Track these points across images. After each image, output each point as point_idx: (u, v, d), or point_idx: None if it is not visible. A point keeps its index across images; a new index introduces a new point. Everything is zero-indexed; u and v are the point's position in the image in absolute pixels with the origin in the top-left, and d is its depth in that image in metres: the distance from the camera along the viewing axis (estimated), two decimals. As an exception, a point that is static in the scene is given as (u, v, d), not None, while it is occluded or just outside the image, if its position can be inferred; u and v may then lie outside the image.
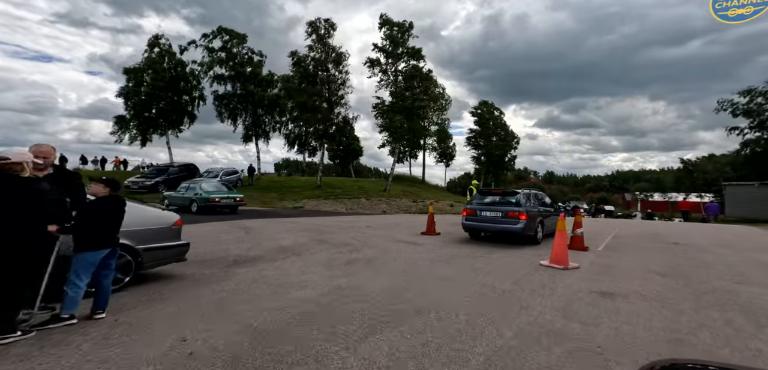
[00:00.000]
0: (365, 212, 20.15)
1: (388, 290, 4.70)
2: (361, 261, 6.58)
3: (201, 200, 13.27)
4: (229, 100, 29.12)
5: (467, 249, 8.31)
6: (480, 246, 8.82)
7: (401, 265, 6.42)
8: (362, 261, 6.59)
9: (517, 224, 8.75)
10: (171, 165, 24.37)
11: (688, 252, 8.89)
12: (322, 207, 20.22)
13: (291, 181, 32.37)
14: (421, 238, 9.99)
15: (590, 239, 10.81)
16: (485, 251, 8.22)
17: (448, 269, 6.14)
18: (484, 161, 45.81)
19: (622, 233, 13.11)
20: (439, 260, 6.97)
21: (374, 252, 7.55)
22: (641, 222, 24.12)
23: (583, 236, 8.87)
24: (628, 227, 16.25)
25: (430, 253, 7.70)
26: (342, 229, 11.33)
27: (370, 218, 16.45)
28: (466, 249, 8.31)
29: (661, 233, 13.89)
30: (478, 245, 8.93)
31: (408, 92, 28.30)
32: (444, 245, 8.88)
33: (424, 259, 7.02)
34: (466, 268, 6.31)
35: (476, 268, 6.32)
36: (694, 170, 73.43)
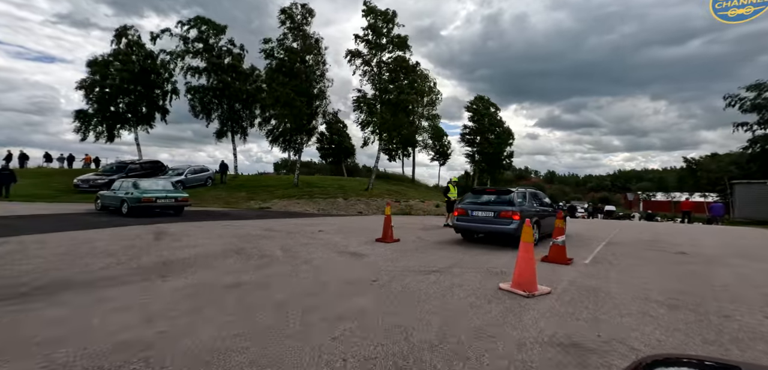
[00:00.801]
0: (338, 213, 18.38)
1: (206, 350, 2.92)
2: (247, 286, 4.80)
3: (132, 201, 11.46)
4: (204, 93, 27.36)
5: (421, 262, 6.52)
6: (441, 257, 7.04)
7: (299, 292, 4.63)
8: (250, 286, 4.81)
9: (510, 225, 8.20)
10: (131, 162, 22.65)
11: (699, 265, 7.07)
12: (291, 208, 18.46)
13: (270, 180, 30.65)
14: (373, 247, 8.20)
15: (579, 247, 9.01)
16: (446, 263, 6.46)
17: (365, 300, 4.35)
18: (479, 159, 43.94)
19: (619, 238, 11.29)
20: (367, 281, 5.19)
21: (287, 269, 5.78)
22: (641, 224, 22.23)
23: (565, 246, 7.04)
24: (627, 230, 14.43)
25: (367, 269, 5.92)
26: (285, 234, 9.55)
27: (339, 220, 14.67)
28: (419, 262, 6.52)
29: (664, 237, 12.06)
30: (438, 256, 7.14)
31: (392, 85, 26.52)
32: (396, 256, 7.10)
33: (345, 280, 5.24)
34: (394, 295, 4.53)
35: (410, 295, 4.54)
36: (698, 169, 71.59)
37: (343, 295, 4.51)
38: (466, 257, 7.29)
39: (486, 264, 6.56)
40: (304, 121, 24.83)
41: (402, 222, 14.43)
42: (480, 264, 6.55)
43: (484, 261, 6.84)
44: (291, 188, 24.39)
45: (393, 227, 9.22)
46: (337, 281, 5.17)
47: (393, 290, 4.77)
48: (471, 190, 10.66)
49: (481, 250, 8.11)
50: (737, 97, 37.11)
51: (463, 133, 44.78)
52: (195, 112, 27.41)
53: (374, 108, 26.15)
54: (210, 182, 23.27)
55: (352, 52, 25.88)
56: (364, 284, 5.00)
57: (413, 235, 10.43)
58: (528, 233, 4.94)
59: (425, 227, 12.69)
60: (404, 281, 5.20)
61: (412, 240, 9.39)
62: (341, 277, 5.39)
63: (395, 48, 26.63)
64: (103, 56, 25.51)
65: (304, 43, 24.60)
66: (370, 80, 25.98)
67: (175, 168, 22.60)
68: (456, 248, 8.41)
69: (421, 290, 4.81)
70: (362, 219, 15.49)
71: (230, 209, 17.09)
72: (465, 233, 9.55)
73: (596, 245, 9.75)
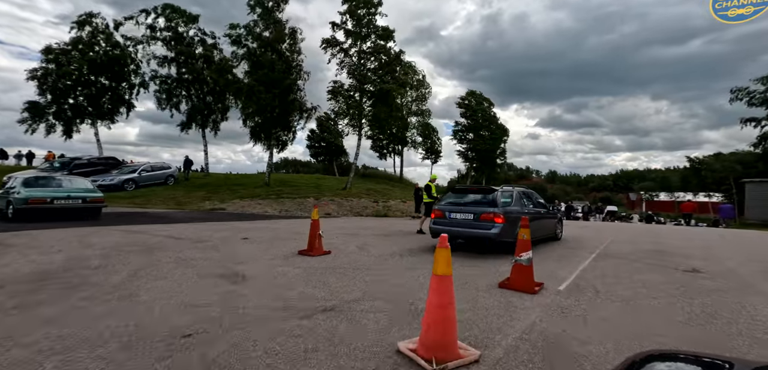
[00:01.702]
0: (303, 215, 16.40)
1: None
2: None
3: (18, 202, 9.46)
4: (170, 84, 25.40)
5: (320, 292, 4.53)
6: (360, 283, 5.03)
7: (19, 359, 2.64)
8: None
9: (492, 229, 7.23)
10: (78, 158, 20.72)
11: (724, 294, 5.03)
12: (251, 209, 16.47)
13: (243, 178, 28.65)
14: (282, 264, 6.20)
15: (560, 260, 7.02)
16: (356, 294, 4.45)
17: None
18: (472, 157, 41.81)
19: (614, 247, 9.24)
20: (181, 333, 3.19)
21: (94, 308, 3.78)
22: (641, 228, 20.09)
23: (532, 266, 5.01)
24: (625, 235, 12.39)
25: (215, 308, 3.93)
26: (189, 244, 7.56)
27: (289, 223, 12.68)
28: (318, 292, 4.53)
29: (669, 244, 10.01)
30: (355, 281, 5.13)
31: (374, 75, 24.50)
32: (293, 281, 5.12)
33: (146, 333, 3.23)
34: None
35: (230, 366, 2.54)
36: (702, 169, 69.40)
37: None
38: (397, 282, 5.28)
39: (416, 295, 4.54)
40: (274, 115, 22.83)
41: (365, 226, 12.43)
42: (406, 296, 4.53)
43: (417, 289, 4.83)
44: (261, 187, 22.41)
45: (322, 236, 7.20)
46: (126, 332, 3.16)
47: (208, 356, 2.77)
48: (452, 188, 9.36)
49: (428, 267, 6.09)
50: (746, 90, 34.91)
51: (456, 130, 42.69)
52: (160, 103, 25.47)
53: (352, 99, 24.14)
54: (172, 181, 21.33)
55: (327, 41, 23.85)
56: (168, 341, 2.99)
57: (359, 243, 8.43)
58: (443, 258, 2.91)
59: (386, 234, 10.67)
60: (249, 332, 3.19)
61: (349, 252, 7.39)
62: (148, 325, 3.38)
63: (378, 38, 24.62)
64: (59, 44, 23.60)
65: (276, 32, 22.57)
66: (349, 70, 23.95)
67: (125, 163, 20.62)
68: (397, 265, 6.41)
69: (270, 350, 2.81)
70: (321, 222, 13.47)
71: (175, 210, 15.12)
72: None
73: (584, 256, 7.72)
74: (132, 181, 18.44)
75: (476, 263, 6.81)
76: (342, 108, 23.86)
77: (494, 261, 6.82)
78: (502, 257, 7.06)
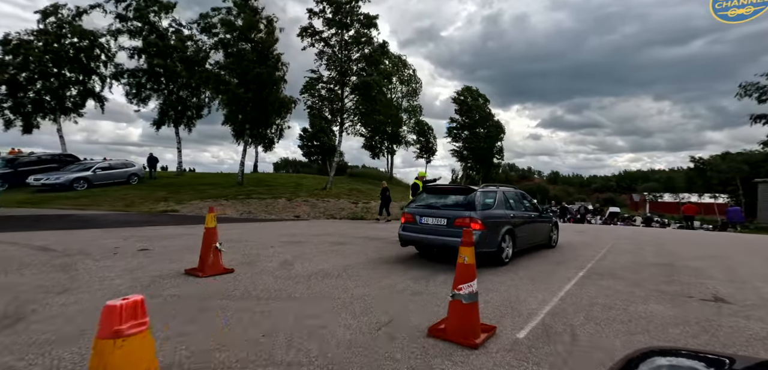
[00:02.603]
0: (267, 218, 14.76)
1: None
2: None
3: None
4: (140, 77, 23.79)
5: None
6: (205, 335, 3.35)
7: None
8: None
9: None
10: (30, 153, 19.12)
11: (765, 343, 3.32)
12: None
13: (218, 178, 27.01)
14: (160, 287, 4.54)
15: (533, 282, 5.30)
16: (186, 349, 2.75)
17: None
18: (467, 155, 40.08)
19: (608, 261, 7.52)
20: None
21: None
22: (643, 233, 18.31)
23: (476, 304, 3.30)
24: (626, 242, 10.66)
25: None
26: (50, 258, 5.91)
27: (241, 227, 11.02)
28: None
29: (677, 257, 8.28)
30: (199, 331, 3.46)
31: (356, 66, 22.86)
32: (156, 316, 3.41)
33: None
34: None
35: None
36: (707, 169, 67.47)
37: None
38: (285, 324, 3.60)
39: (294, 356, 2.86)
40: (248, 109, 21.22)
41: (325, 231, 10.76)
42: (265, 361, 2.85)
43: (304, 338, 3.15)
44: (233, 187, 20.78)
45: (220, 250, 5.53)
46: None
47: None
48: (425, 187, 7.97)
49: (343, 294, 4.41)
50: (755, 85, 32.95)
51: (450, 127, 40.98)
52: (129, 97, 23.89)
53: (333, 93, 22.49)
54: (136, 180, 19.71)
55: (305, 28, 22.20)
56: None
57: (293, 254, 6.74)
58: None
59: (342, 241, 8.97)
60: None
61: (264, 269, 5.71)
62: None
63: (362, 27, 22.95)
64: (19, 34, 22.04)
65: (247, 19, 20.94)
66: (328, 61, 22.29)
67: (84, 158, 19.03)
68: (317, 290, 4.73)
69: None
70: (259, 229, 11.87)
71: (115, 212, 13.49)
72: (414, 245, 7.09)
73: (571, 272, 6.03)
74: (84, 180, 16.82)
75: (432, 281, 5.14)
76: (316, 102, 22.17)
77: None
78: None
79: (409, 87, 35.96)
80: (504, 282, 5.34)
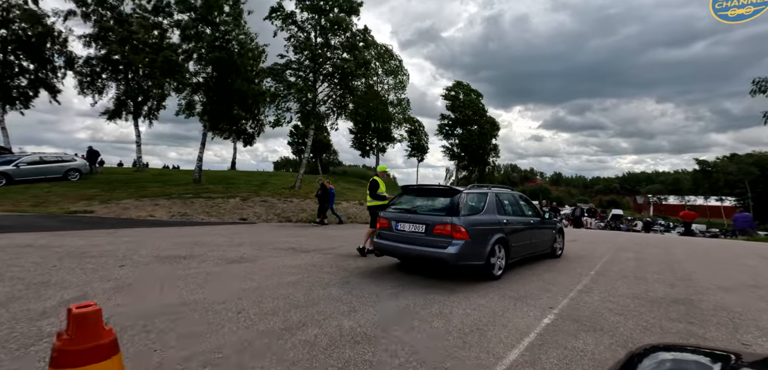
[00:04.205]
0: (208, 220, 12.60)
1: None
2: None
3: None
4: (94, 66, 21.68)
5: None
6: None
7: None
8: None
9: (448, 248, 5.16)
10: None
11: None
12: (136, 212, 12.61)
13: (177, 174, 24.93)
14: None
15: (478, 329, 3.00)
16: None
17: None
18: (459, 153, 37.71)
19: (597, 292, 5.26)
20: None
21: None
22: (646, 242, 15.99)
23: None
24: (627, 254, 8.38)
25: None
26: None
27: (146, 232, 8.83)
28: None
29: (694, 286, 6.03)
30: None
31: (331, 54, 20.68)
32: None
33: None
34: None
35: None
36: (713, 171, 64.97)
37: None
38: None
39: None
40: (209, 97, 19.09)
41: (256, 240, 8.55)
42: None
43: None
44: (187, 185, 18.64)
45: None
46: None
47: None
48: (404, 188, 6.77)
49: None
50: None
51: (442, 124, 38.60)
52: (82, 88, 21.76)
53: (305, 81, 20.30)
54: (76, 176, 17.59)
55: (273, 9, 20.00)
56: None
57: (117, 282, 4.55)
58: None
59: (249, 255, 6.75)
60: None
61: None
62: None
63: (342, 12, 20.76)
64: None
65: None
66: (298, 46, 20.09)
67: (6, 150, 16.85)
68: None
69: None
70: (172, 235, 9.70)
71: (17, 214, 11.35)
72: (391, 255, 6.12)
73: (532, 318, 3.78)
74: (1, 174, 14.74)
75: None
76: (280, 89, 19.95)
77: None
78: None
79: (396, 79, 33.69)
80: (412, 340, 3.11)
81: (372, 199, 7.68)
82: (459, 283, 5.36)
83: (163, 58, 16.92)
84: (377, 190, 7.60)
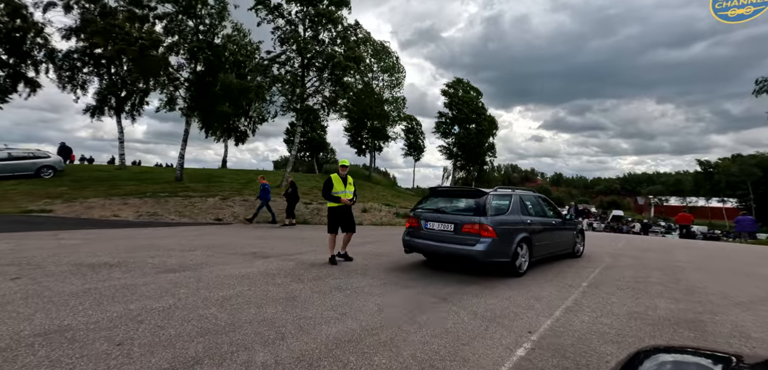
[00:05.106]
0: (179, 220, 11.79)
1: None
2: None
3: None
4: (74, 60, 20.86)
5: None
6: None
7: None
8: None
9: (476, 245, 5.49)
10: None
11: None
12: (102, 211, 11.79)
13: (159, 172, 24.10)
14: None
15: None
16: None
17: None
18: (456, 152, 36.80)
19: (581, 323, 4.44)
20: None
21: None
22: (647, 245, 15.14)
23: None
24: (625, 260, 7.56)
25: None
26: None
27: (124, 234, 8.01)
28: None
29: (703, 300, 5.22)
30: None
31: (320, 48, 19.87)
32: None
33: None
34: None
35: None
36: (715, 172, 64.11)
37: None
38: None
39: None
40: (187, 92, 18.29)
41: (211, 243, 7.73)
42: None
43: None
44: (163, 183, 17.83)
45: None
46: None
47: None
48: (432, 189, 7.20)
49: None
50: (774, 80, 29.60)
51: (439, 121, 37.68)
52: (62, 83, 20.94)
53: (294, 77, 19.48)
54: (50, 173, 16.79)
55: (260, 1, 19.16)
56: None
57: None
58: None
59: (183, 263, 5.93)
60: None
61: None
62: None
63: (332, 5, 19.94)
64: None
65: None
66: (283, 37, 19.27)
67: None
68: None
69: None
70: (90, 235, 8.89)
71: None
72: (419, 252, 6.50)
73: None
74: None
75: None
76: (264, 84, 19.12)
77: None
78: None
79: (393, 77, 32.83)
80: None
81: (330, 199, 6.57)
82: (423, 303, 4.55)
83: (136, 47, 16.07)
84: (330, 190, 6.56)
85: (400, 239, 6.65)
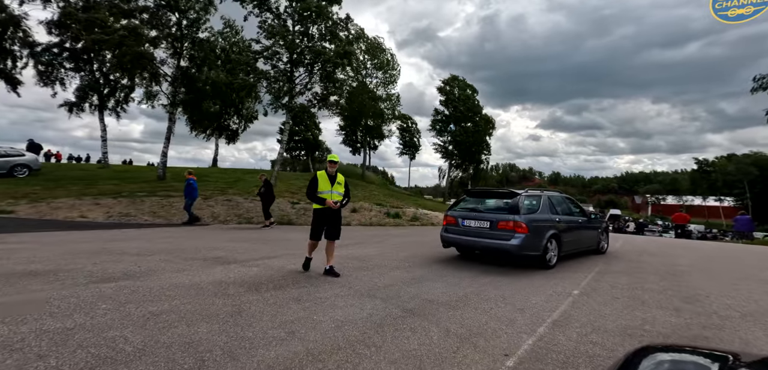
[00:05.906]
0: (154, 221, 11.18)
1: None
2: None
3: None
4: (54, 55, 20.17)
5: None
6: None
7: None
8: None
9: (511, 240, 6.13)
10: None
11: None
12: (64, 213, 11.09)
13: (143, 171, 23.39)
14: None
15: None
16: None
17: None
18: (452, 151, 36.19)
19: (567, 334, 3.88)
20: None
21: None
22: (645, 246, 14.62)
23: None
24: (620, 265, 7.00)
25: None
26: None
27: (81, 237, 7.39)
28: None
29: (709, 311, 4.67)
30: None
31: (310, 43, 19.24)
32: None
33: None
34: None
35: None
36: (712, 171, 63.95)
37: None
38: None
39: None
40: (171, 88, 17.64)
41: (175, 247, 7.13)
42: None
43: None
44: (144, 182, 17.18)
45: None
46: None
47: None
48: (467, 191, 8.11)
49: None
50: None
51: (435, 119, 37.07)
52: (42, 78, 20.23)
53: (279, 70, 18.86)
54: (24, 172, 16.12)
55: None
56: None
57: None
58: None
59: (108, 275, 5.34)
60: None
61: None
62: None
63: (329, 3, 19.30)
64: None
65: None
66: (269, 31, 18.63)
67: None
68: None
69: None
70: (40, 238, 8.28)
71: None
72: (456, 248, 7.32)
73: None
74: None
75: None
76: (248, 80, 18.48)
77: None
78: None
79: (387, 74, 32.20)
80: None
81: (316, 201, 5.62)
82: (389, 318, 3.97)
83: (111, 37, 15.42)
84: (315, 190, 5.84)
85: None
